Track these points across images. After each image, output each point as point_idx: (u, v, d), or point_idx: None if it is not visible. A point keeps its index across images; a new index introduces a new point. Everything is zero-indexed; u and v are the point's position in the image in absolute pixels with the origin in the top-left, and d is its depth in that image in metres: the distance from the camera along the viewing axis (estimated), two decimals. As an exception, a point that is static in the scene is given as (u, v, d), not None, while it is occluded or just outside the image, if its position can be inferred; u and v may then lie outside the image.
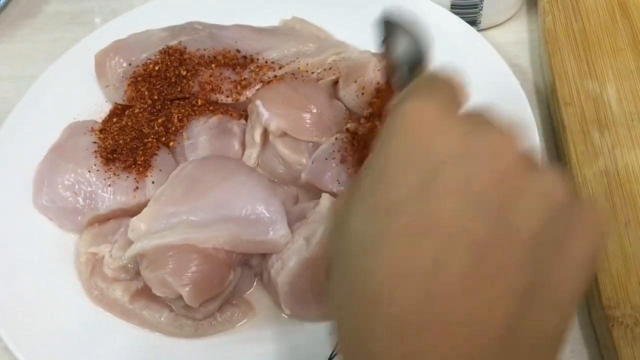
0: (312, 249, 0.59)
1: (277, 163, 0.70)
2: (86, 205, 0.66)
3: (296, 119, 0.69)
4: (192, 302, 0.57)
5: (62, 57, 0.81)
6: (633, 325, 0.55)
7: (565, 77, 0.73)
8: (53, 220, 0.68)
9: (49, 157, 0.70)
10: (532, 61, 0.82)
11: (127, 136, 0.69)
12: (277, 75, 0.74)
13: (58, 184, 0.67)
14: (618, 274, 0.58)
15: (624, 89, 0.71)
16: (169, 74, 0.74)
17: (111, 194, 0.66)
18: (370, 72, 0.71)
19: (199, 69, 0.74)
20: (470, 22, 0.80)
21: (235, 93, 0.74)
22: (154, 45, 0.76)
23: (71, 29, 0.95)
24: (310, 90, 0.72)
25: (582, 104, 0.71)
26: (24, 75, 0.88)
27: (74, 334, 0.60)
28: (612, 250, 0.59)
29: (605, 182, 0.64)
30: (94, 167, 0.67)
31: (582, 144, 0.67)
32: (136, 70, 0.75)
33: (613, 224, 0.61)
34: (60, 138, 0.72)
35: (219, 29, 0.79)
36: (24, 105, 0.76)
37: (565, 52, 0.76)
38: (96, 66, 0.78)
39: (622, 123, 0.68)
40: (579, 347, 0.59)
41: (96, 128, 0.72)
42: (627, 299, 0.57)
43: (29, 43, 0.94)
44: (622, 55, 0.74)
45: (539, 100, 0.78)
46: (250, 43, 0.77)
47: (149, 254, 0.59)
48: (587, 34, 0.77)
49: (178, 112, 0.72)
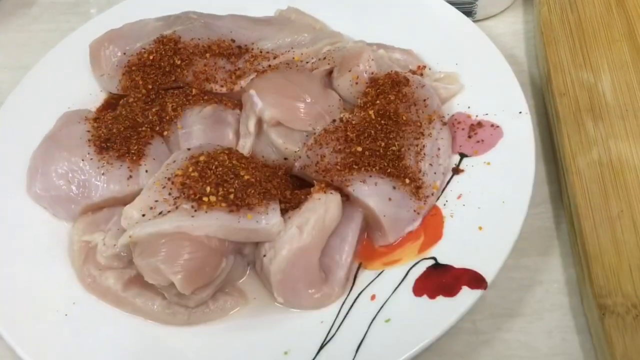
0: (304, 238, 0.59)
1: (271, 152, 0.70)
2: (80, 194, 0.66)
3: (290, 109, 0.69)
4: (184, 289, 0.57)
5: (57, 46, 0.81)
6: (624, 313, 0.55)
7: (560, 68, 0.73)
8: (47, 209, 0.68)
9: (43, 146, 0.70)
10: (527, 52, 0.82)
11: (121, 125, 0.69)
12: (271, 64, 0.74)
13: (52, 173, 0.67)
14: (610, 263, 0.58)
15: (619, 80, 0.71)
16: (163, 63, 0.74)
17: (105, 182, 0.66)
18: (364, 62, 0.71)
19: (194, 58, 0.74)
20: (466, 13, 0.80)
21: (230, 82, 0.74)
22: (149, 34, 0.76)
23: (67, 19, 0.95)
24: (304, 80, 0.72)
25: (576, 95, 0.70)
26: (20, 65, 0.88)
27: (66, 321, 0.60)
28: (604, 239, 0.60)
29: (598, 171, 0.64)
30: (88, 155, 0.67)
31: (576, 134, 0.67)
32: (130, 60, 0.75)
33: (605, 214, 0.61)
34: (54, 127, 0.72)
35: (214, 19, 0.79)
36: (18, 95, 0.77)
37: (560, 43, 0.76)
38: (90, 55, 0.78)
39: (616, 114, 0.68)
40: (571, 335, 0.59)
41: (90, 117, 0.72)
42: (618, 288, 0.57)
43: (24, 33, 0.94)
44: (617, 46, 0.74)
45: (534, 91, 0.78)
46: (245, 33, 0.77)
47: (142, 242, 0.59)
48: (583, 24, 0.77)
49: (172, 101, 0.72)
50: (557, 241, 0.66)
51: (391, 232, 0.62)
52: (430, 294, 0.57)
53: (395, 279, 0.60)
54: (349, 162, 0.64)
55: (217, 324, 0.61)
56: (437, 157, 0.66)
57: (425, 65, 0.75)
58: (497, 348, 0.60)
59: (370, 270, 0.62)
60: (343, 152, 0.65)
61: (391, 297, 0.58)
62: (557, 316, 0.61)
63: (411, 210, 0.63)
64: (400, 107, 0.68)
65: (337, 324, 0.58)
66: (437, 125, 0.68)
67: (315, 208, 0.61)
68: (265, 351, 0.57)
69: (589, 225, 0.61)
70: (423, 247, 0.62)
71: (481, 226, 0.61)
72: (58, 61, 0.80)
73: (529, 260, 0.64)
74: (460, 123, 0.70)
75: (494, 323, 0.61)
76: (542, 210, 0.68)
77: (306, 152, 0.66)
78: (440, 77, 0.73)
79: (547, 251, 0.65)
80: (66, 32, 0.84)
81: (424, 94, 0.69)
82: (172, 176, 0.63)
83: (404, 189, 0.63)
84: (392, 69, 0.72)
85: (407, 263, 0.61)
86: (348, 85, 0.71)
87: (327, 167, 0.65)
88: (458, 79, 0.73)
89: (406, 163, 0.65)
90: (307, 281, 0.59)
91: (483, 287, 0.56)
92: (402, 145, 0.66)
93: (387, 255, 0.63)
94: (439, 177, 0.66)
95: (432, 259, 0.60)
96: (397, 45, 0.77)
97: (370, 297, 0.59)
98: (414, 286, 0.59)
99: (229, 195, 0.60)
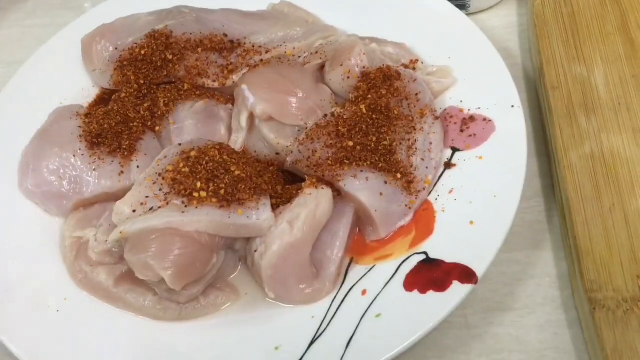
0: (295, 233, 0.59)
1: (263, 147, 0.69)
2: (71, 190, 0.66)
3: (282, 103, 0.69)
4: (174, 285, 0.57)
5: (49, 41, 0.81)
6: (615, 308, 0.55)
7: (553, 61, 0.73)
8: (38, 205, 0.68)
9: (34, 141, 0.70)
10: (521, 45, 0.82)
11: (112, 120, 0.69)
12: (263, 59, 0.74)
13: (43, 169, 0.67)
14: (601, 257, 0.58)
15: (612, 74, 0.71)
16: (155, 58, 0.73)
17: (96, 178, 0.66)
18: (356, 56, 0.70)
19: (186, 53, 0.74)
20: (459, 6, 0.80)
21: (222, 77, 0.73)
22: (141, 29, 0.76)
23: (61, 14, 0.95)
24: (296, 75, 0.71)
25: (569, 88, 0.70)
26: (13, 60, 0.88)
27: (58, 317, 0.60)
28: (596, 233, 0.59)
29: (590, 165, 0.64)
30: (79, 151, 0.67)
31: (568, 128, 0.67)
32: (122, 55, 0.75)
33: (597, 208, 0.61)
34: (45, 123, 0.72)
35: (206, 13, 0.79)
36: (11, 90, 0.76)
37: (553, 36, 0.75)
38: (83, 50, 0.78)
39: (609, 107, 0.68)
40: (561, 329, 0.59)
41: (82, 113, 0.71)
42: (609, 282, 0.57)
43: (18, 28, 0.94)
44: (610, 39, 0.74)
45: (527, 84, 0.77)
46: (238, 27, 0.77)
47: (132, 238, 0.59)
48: (576, 18, 0.77)
49: (164, 96, 0.72)
50: (548, 235, 0.65)
51: (383, 227, 0.62)
52: (421, 289, 0.57)
53: (386, 274, 0.60)
54: (340, 156, 0.64)
55: (209, 320, 0.61)
56: (429, 152, 0.66)
57: (418, 59, 0.74)
58: (488, 342, 0.60)
59: (361, 265, 0.62)
60: (334, 146, 0.65)
61: (382, 292, 0.58)
62: (548, 310, 0.61)
63: (402, 205, 0.63)
64: (391, 102, 0.68)
65: (328, 319, 0.58)
66: (429, 119, 0.68)
67: (306, 203, 0.61)
68: (257, 346, 0.57)
69: (580, 219, 0.61)
70: (414, 242, 0.62)
71: (472, 221, 0.60)
72: (50, 56, 0.80)
73: (520, 254, 0.64)
74: (453, 117, 0.69)
75: (485, 317, 0.61)
76: (534, 204, 0.68)
77: (298, 147, 0.66)
78: (432, 70, 0.73)
79: (539, 245, 0.65)
80: (60, 27, 0.84)
81: (415, 88, 0.69)
82: (163, 172, 0.62)
83: (396, 183, 0.63)
84: (384, 63, 0.71)
85: (399, 258, 0.61)
86: (340, 79, 0.71)
87: (319, 162, 0.65)
88: (451, 72, 0.72)
89: (398, 158, 0.65)
90: (298, 276, 0.59)
91: (474, 282, 0.56)
92: (394, 140, 0.65)
93: (379, 250, 0.63)
94: (431, 171, 0.66)
95: (424, 254, 0.60)
96: (390, 39, 0.76)
97: (361, 292, 0.59)
98: (404, 281, 0.59)
99: (219, 191, 0.60)
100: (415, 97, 0.68)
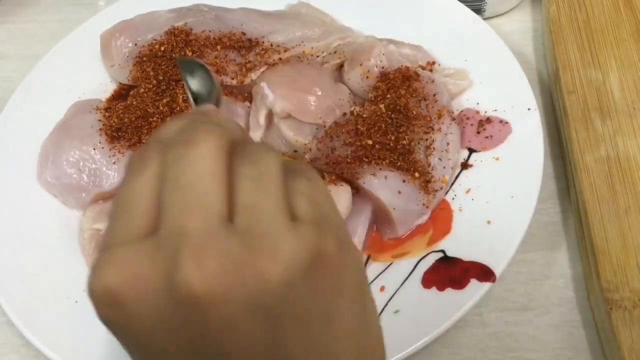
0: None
1: (281, 145, 0.70)
2: (90, 182, 0.67)
3: (301, 101, 0.70)
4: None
5: (67, 36, 0.82)
6: (631, 308, 0.56)
7: (568, 66, 0.74)
8: (57, 197, 0.68)
9: (53, 134, 0.70)
10: (535, 50, 0.83)
11: (132, 115, 0.70)
12: (282, 58, 0.74)
13: (63, 161, 0.67)
14: (617, 258, 0.59)
15: (627, 78, 0.72)
16: (175, 55, 0.74)
17: (116, 171, 0.66)
18: (375, 56, 0.71)
19: (205, 50, 0.75)
20: (475, 10, 0.81)
21: (240, 75, 0.74)
22: (160, 25, 0.77)
23: (77, 9, 0.95)
24: (314, 73, 0.72)
25: (584, 92, 0.71)
26: (29, 55, 0.88)
27: (76, 309, 0.60)
28: (612, 234, 0.60)
29: (606, 168, 0.65)
30: (99, 144, 0.67)
31: (584, 131, 0.68)
32: (141, 51, 0.75)
33: (613, 210, 0.62)
34: (65, 116, 0.72)
35: (225, 12, 0.79)
36: (28, 84, 0.77)
37: (568, 41, 0.76)
38: (102, 46, 0.78)
39: (623, 111, 0.69)
40: (577, 330, 0.60)
41: (101, 107, 0.72)
42: (625, 283, 0.57)
43: (34, 23, 0.95)
44: (625, 45, 0.75)
45: (542, 88, 0.78)
46: (256, 26, 0.78)
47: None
48: (591, 23, 0.78)
49: (183, 92, 0.72)
50: (564, 237, 0.66)
51: (400, 225, 0.63)
52: (439, 286, 0.58)
53: (404, 271, 0.60)
54: (359, 155, 0.65)
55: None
56: (447, 152, 0.67)
57: (435, 61, 0.75)
58: (504, 341, 0.60)
59: (378, 262, 0.63)
60: (353, 145, 0.66)
61: (400, 288, 0.59)
62: (564, 310, 0.61)
63: (420, 203, 0.64)
64: (410, 102, 0.68)
65: (346, 315, 0.58)
66: (446, 120, 0.69)
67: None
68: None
69: (596, 221, 0.61)
70: (432, 240, 0.62)
71: (490, 220, 0.61)
72: (69, 51, 0.80)
73: (536, 254, 0.65)
74: (469, 119, 0.70)
75: (501, 316, 0.61)
76: (550, 205, 0.68)
77: (317, 144, 0.67)
78: (449, 73, 0.74)
79: (554, 246, 0.66)
80: (76, 22, 0.84)
81: (433, 89, 0.70)
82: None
83: (414, 182, 0.64)
84: (402, 64, 0.72)
85: (416, 256, 0.61)
86: (359, 79, 0.72)
87: (338, 160, 0.65)
88: (467, 75, 0.73)
89: (416, 157, 0.65)
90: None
91: (492, 280, 0.57)
92: (412, 139, 0.66)
93: (396, 247, 0.63)
94: (448, 171, 0.66)
95: (441, 252, 0.61)
96: (407, 42, 0.77)
97: (379, 288, 0.59)
98: (422, 278, 0.59)
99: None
100: (433, 98, 0.69)
